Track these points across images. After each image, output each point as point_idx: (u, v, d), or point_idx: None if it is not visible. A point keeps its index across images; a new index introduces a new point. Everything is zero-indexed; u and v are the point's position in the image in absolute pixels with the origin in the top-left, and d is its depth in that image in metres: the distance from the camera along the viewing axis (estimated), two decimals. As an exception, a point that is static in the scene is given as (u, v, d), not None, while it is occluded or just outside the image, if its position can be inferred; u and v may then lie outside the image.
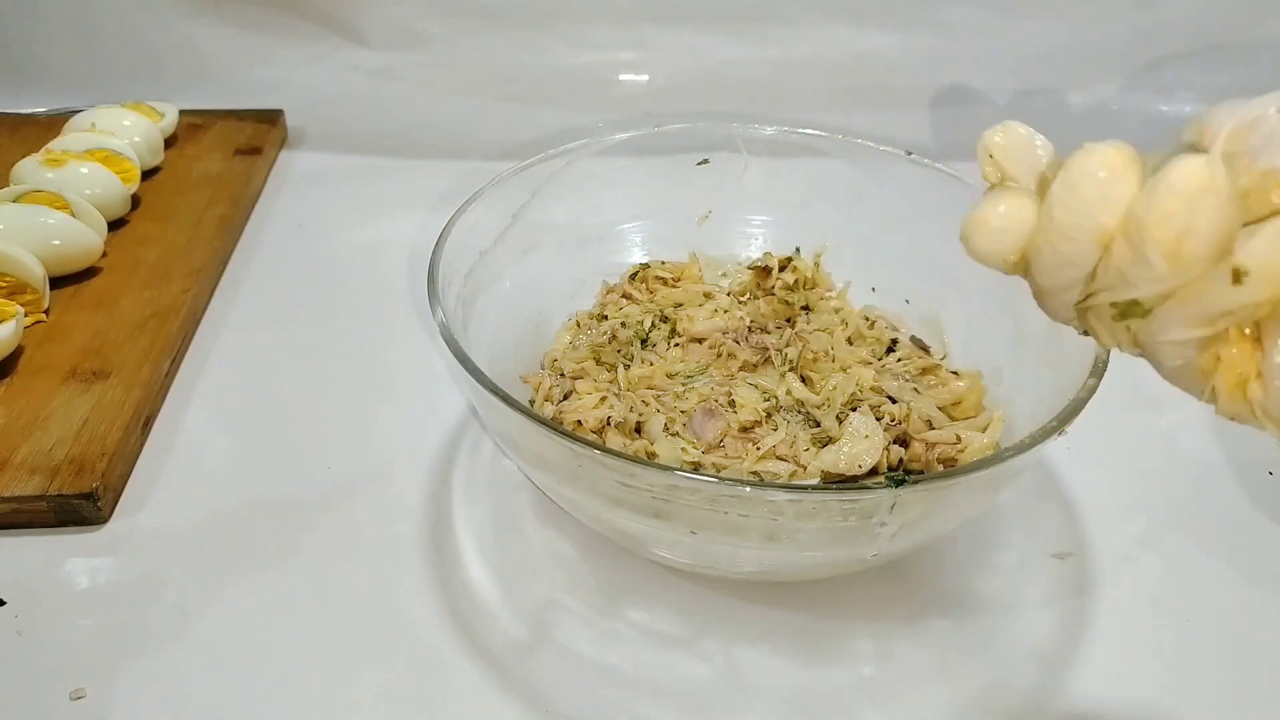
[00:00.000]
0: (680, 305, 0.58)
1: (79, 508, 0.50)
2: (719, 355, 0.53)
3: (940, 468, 0.48)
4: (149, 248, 0.69)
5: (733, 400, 0.49)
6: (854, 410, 0.49)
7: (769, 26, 0.98)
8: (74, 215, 0.66)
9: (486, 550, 0.50)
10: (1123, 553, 0.51)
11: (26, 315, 0.59)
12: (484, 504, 0.53)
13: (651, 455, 0.47)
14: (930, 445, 0.48)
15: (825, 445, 0.47)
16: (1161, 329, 0.27)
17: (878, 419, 0.48)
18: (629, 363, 0.53)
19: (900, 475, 0.39)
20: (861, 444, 0.47)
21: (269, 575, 0.48)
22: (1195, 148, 0.25)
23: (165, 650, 0.45)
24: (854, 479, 0.46)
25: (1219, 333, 0.26)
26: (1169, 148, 0.26)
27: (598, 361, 0.54)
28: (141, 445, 0.56)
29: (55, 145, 0.73)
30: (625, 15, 0.98)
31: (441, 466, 0.55)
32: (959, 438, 0.49)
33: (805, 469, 0.47)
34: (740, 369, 0.52)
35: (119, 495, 0.52)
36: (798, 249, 0.60)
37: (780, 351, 0.52)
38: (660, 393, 0.51)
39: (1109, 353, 0.44)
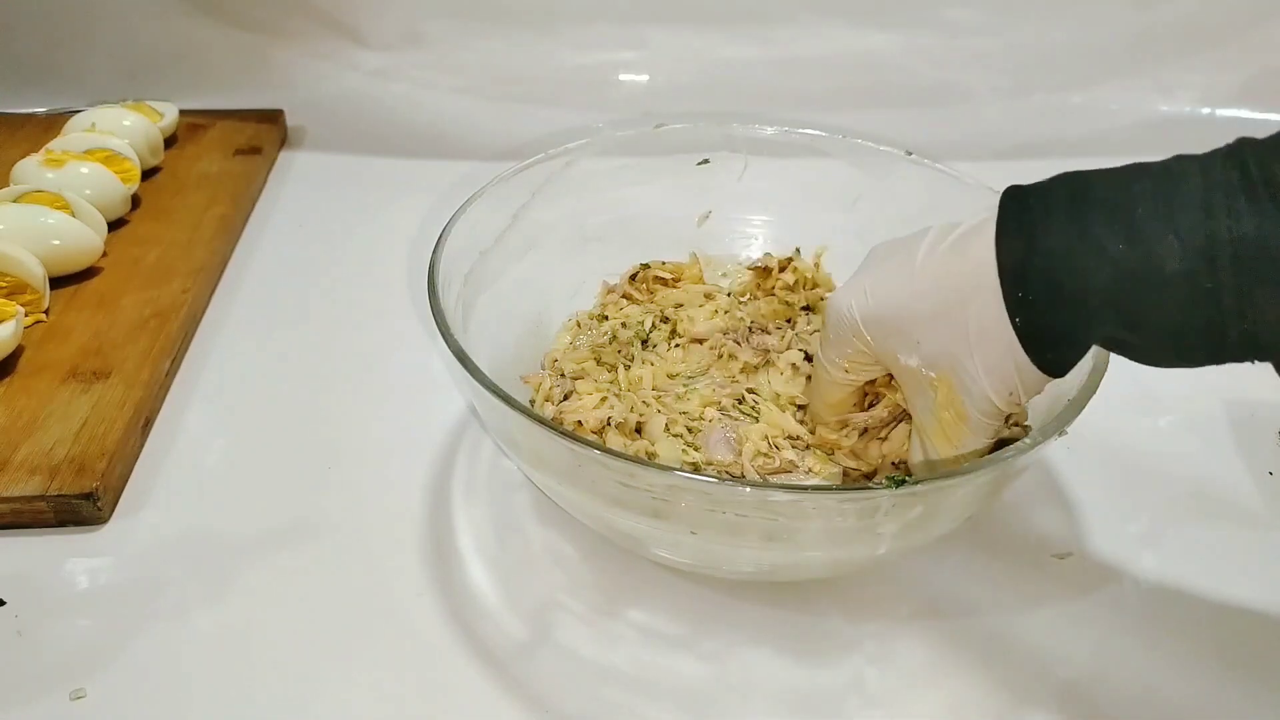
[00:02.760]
0: (680, 306, 0.58)
1: (79, 508, 0.50)
2: (720, 356, 0.53)
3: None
4: (149, 248, 0.69)
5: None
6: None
7: (769, 26, 0.98)
8: (74, 215, 0.66)
9: (486, 550, 0.50)
10: (1123, 553, 0.51)
11: (26, 315, 0.59)
12: (484, 504, 0.53)
13: (652, 456, 0.47)
14: None
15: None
16: None
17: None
18: (629, 363, 0.53)
19: (900, 476, 0.39)
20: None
21: (269, 575, 0.48)
22: None
23: (165, 650, 0.45)
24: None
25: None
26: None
27: (598, 362, 0.53)
28: (141, 445, 0.56)
29: (55, 145, 0.73)
30: (625, 15, 0.98)
31: (441, 467, 0.55)
32: None
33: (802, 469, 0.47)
34: (741, 370, 0.52)
35: (119, 495, 0.52)
36: (798, 249, 0.60)
37: (781, 353, 0.52)
38: (661, 393, 0.51)
39: (1109, 353, 0.44)
